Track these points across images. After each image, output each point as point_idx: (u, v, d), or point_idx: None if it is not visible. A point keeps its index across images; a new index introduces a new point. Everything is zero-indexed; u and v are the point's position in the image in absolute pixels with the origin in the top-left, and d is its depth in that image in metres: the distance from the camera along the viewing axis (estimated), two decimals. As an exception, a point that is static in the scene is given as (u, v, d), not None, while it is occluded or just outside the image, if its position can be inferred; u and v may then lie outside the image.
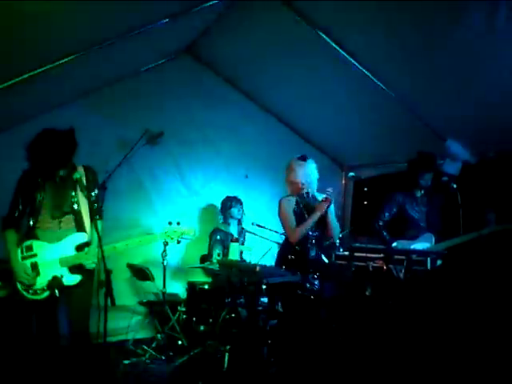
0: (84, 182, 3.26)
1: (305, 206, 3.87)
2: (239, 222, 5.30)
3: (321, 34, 4.05)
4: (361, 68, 4.29)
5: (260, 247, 5.29)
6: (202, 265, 4.83)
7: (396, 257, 3.87)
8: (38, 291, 3.14)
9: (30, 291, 3.14)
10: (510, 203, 4.41)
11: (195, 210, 5.66)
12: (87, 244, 3.25)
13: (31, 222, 3.22)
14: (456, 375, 3.56)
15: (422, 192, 4.66)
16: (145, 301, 4.78)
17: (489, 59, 3.62)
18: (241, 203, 5.29)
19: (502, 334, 3.82)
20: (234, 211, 5.22)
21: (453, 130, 4.68)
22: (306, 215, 3.82)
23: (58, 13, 2.89)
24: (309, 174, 3.88)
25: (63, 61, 3.48)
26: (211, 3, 3.78)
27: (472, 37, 3.42)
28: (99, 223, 3.31)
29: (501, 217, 4.22)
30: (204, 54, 5.38)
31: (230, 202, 5.23)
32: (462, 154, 4.77)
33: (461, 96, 4.14)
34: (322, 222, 3.87)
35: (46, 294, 3.14)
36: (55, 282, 3.14)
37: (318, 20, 3.98)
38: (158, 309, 4.62)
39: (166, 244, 4.19)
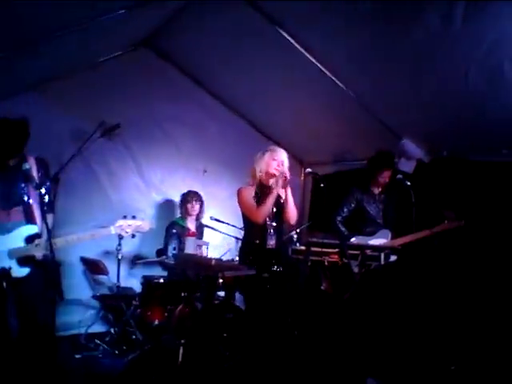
0: (35, 173, 3.19)
1: (263, 194, 3.79)
2: (197, 217, 5.26)
3: (283, 32, 4.05)
4: (321, 67, 4.32)
5: (218, 242, 5.30)
6: (157, 258, 4.79)
7: (351, 252, 3.95)
8: None
9: None
10: (460, 201, 4.55)
11: (153, 205, 5.58)
12: (37, 236, 3.18)
13: None
14: (407, 368, 3.66)
15: (380, 189, 4.77)
16: (98, 294, 4.69)
17: (442, 60, 3.69)
18: (201, 199, 5.25)
19: (455, 327, 3.96)
20: (195, 206, 5.17)
21: (407, 130, 4.79)
22: None
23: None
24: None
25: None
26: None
27: (426, 38, 3.48)
28: (50, 216, 3.24)
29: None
30: (166, 48, 5.29)
31: (190, 198, 5.18)
32: (416, 152, 4.88)
33: (415, 97, 4.22)
34: (281, 209, 3.84)
35: None
36: (3, 273, 3.06)
37: (279, 19, 3.98)
38: (112, 303, 4.55)
39: (120, 237, 4.14)
